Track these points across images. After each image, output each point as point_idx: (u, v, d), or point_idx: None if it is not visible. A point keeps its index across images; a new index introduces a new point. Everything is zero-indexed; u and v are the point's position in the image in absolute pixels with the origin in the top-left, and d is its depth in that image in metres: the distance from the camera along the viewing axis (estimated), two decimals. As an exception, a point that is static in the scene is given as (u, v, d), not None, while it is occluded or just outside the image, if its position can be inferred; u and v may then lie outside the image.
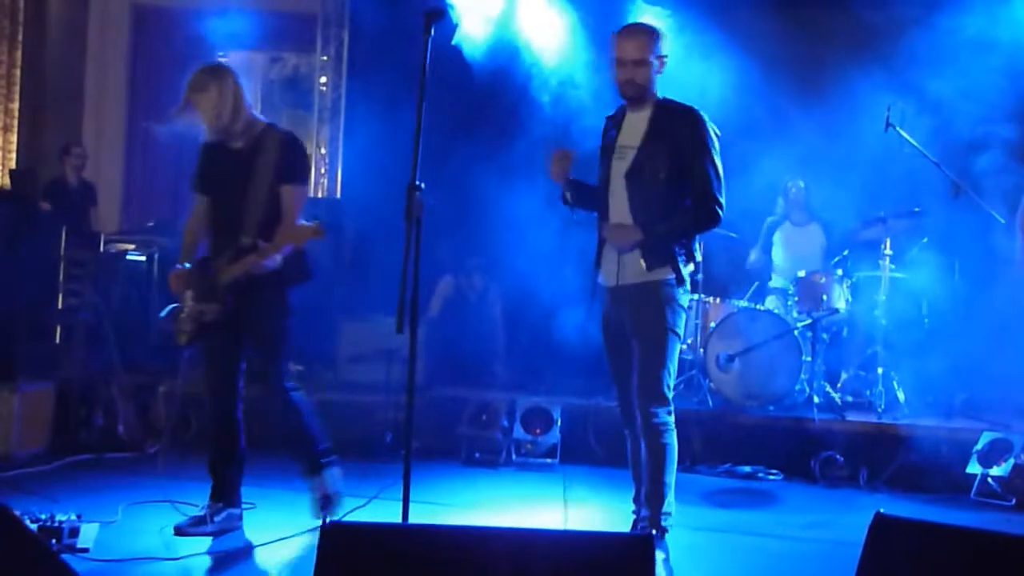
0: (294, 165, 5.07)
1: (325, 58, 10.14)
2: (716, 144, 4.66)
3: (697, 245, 4.80)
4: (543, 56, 8.76)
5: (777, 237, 8.45)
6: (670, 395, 4.66)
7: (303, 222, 4.92)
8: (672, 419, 4.66)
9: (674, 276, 4.65)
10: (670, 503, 4.63)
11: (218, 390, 5.16)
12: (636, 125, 4.70)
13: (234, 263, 4.94)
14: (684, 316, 4.75)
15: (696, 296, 7.82)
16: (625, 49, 4.61)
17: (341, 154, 10.36)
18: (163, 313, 5.16)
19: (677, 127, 4.63)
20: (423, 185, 4.03)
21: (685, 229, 4.69)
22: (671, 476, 4.64)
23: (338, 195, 10.40)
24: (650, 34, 4.67)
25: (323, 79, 10.01)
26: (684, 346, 7.65)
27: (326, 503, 5.20)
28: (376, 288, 5.72)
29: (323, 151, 10.35)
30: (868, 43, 8.14)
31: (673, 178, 4.60)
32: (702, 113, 4.67)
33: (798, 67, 8.55)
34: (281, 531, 5.14)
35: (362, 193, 9.56)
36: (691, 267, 4.75)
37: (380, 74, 8.28)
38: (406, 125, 4.23)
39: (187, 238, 5.22)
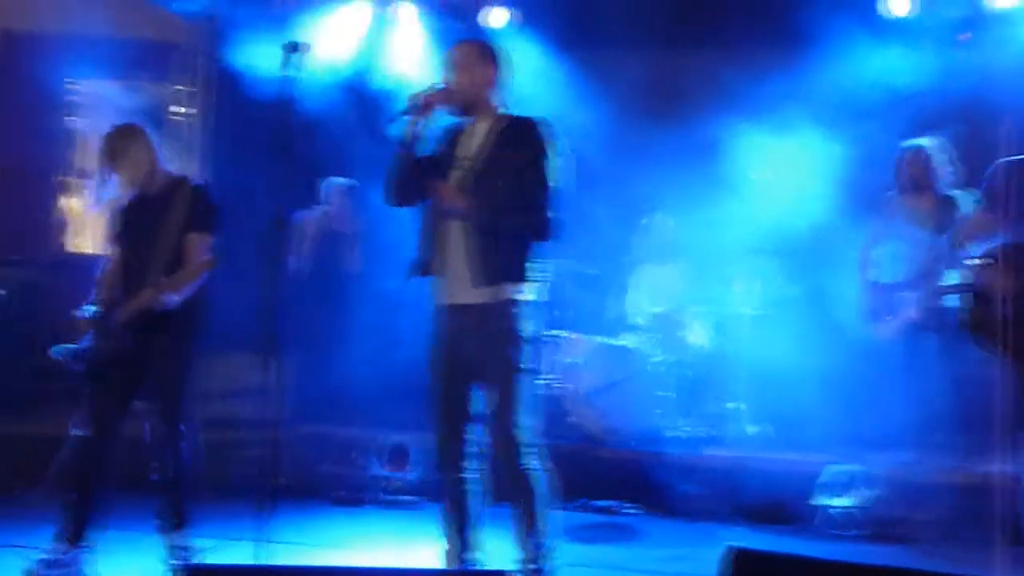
0: (203, 214, 5.30)
1: (184, 88, 9.94)
2: (558, 156, 4.54)
3: (541, 266, 4.61)
4: (404, 83, 8.79)
5: (639, 275, 8.54)
6: (531, 436, 4.53)
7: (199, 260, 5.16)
8: (538, 461, 4.55)
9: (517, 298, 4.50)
10: (545, 547, 4.51)
11: (97, 427, 5.16)
12: (477, 137, 4.62)
13: (134, 301, 5.07)
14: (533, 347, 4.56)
15: (557, 332, 7.88)
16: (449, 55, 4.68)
17: (203, 183, 10.16)
18: (55, 350, 5.25)
19: (519, 137, 4.54)
20: (284, 220, 3.99)
21: (515, 225, 4.50)
22: (543, 521, 4.53)
23: (196, 227, 10.18)
24: (472, 44, 4.74)
25: (181, 109, 9.81)
26: (544, 381, 7.72)
27: (178, 556, 5.16)
28: (238, 323, 5.62)
29: (180, 183, 10.13)
30: (733, 83, 8.35)
31: (511, 190, 4.47)
32: (545, 123, 4.58)
33: (664, 106, 8.72)
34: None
35: (223, 225, 9.39)
36: (535, 289, 4.58)
37: (240, 105, 8.15)
38: (267, 157, 4.18)
39: (104, 288, 5.38)
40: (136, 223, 5.30)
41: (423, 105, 4.54)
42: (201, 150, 10.11)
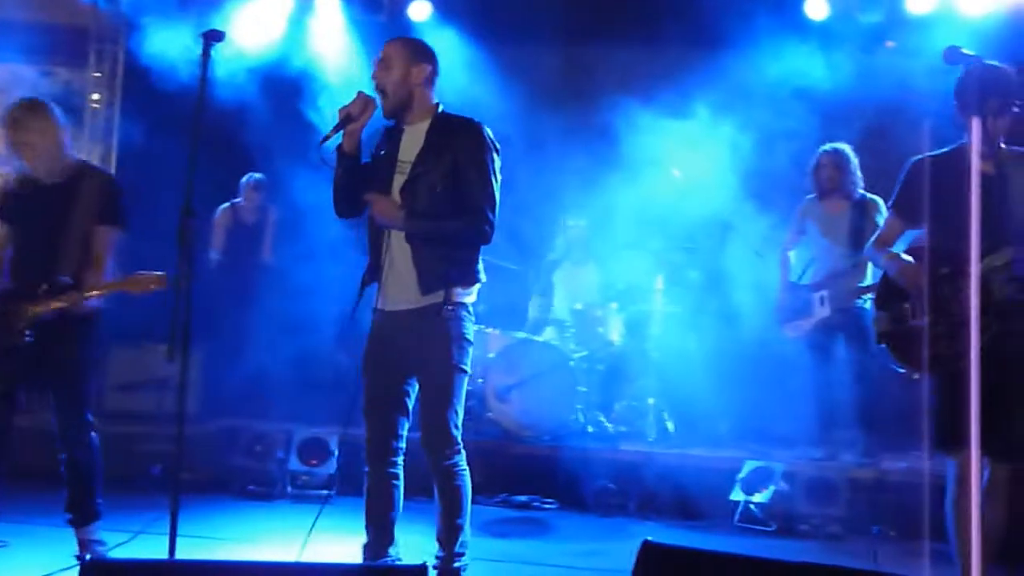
0: (114, 207, 5.09)
1: (99, 74, 9.74)
2: (495, 159, 4.50)
3: (480, 268, 4.58)
4: (325, 76, 8.73)
5: (557, 275, 8.55)
6: (460, 434, 4.53)
7: (144, 272, 4.86)
8: (463, 460, 4.54)
9: (458, 300, 4.47)
10: (464, 544, 4.52)
11: None
12: (415, 138, 4.52)
13: (51, 298, 4.83)
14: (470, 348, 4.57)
15: (477, 327, 7.87)
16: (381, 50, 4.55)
17: (113, 174, 9.97)
18: None
19: (456, 139, 4.46)
20: (197, 210, 3.93)
21: (451, 233, 4.46)
22: (465, 519, 4.54)
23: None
24: (403, 42, 4.59)
25: (96, 96, 9.61)
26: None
27: (91, 550, 5.01)
28: (147, 314, 5.53)
29: (93, 171, 9.93)
30: (650, 79, 8.39)
31: (448, 192, 4.41)
32: (483, 126, 4.51)
33: (578, 104, 8.75)
34: (37, 569, 4.87)
35: (134, 215, 9.24)
36: (472, 292, 4.57)
37: (156, 93, 8.01)
38: (182, 146, 4.13)
39: None
40: (36, 208, 5.04)
41: (356, 115, 4.43)
42: (116, 138, 9.93)
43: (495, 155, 4.51)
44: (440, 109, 4.58)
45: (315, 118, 8.41)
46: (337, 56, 8.94)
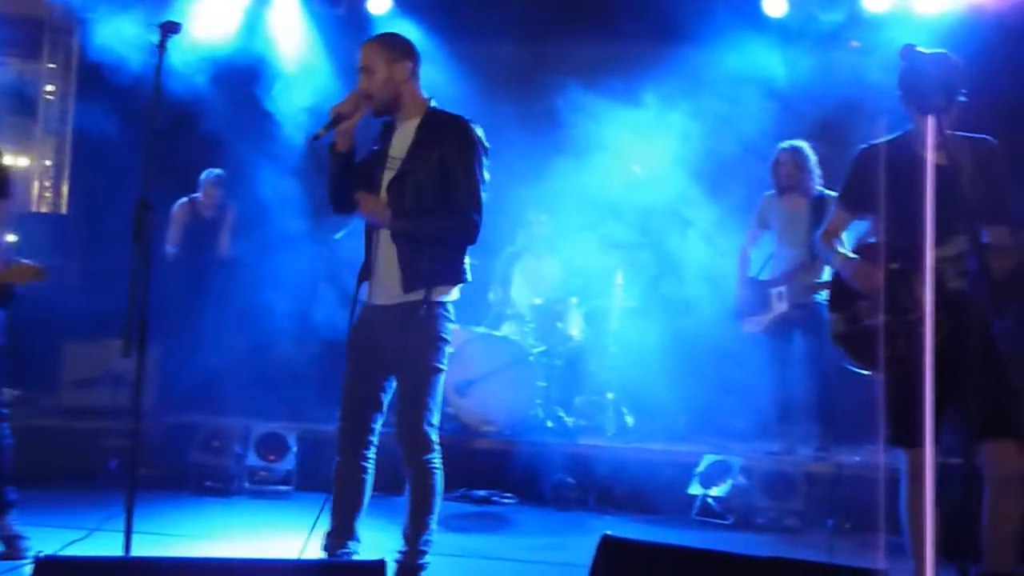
0: (1, 177, 4.83)
1: (53, 66, 9.64)
2: (483, 160, 4.50)
3: (466, 268, 4.58)
4: (284, 69, 8.68)
5: (517, 268, 8.54)
6: (435, 433, 4.52)
7: (26, 261, 4.69)
8: (438, 458, 4.53)
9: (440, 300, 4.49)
10: (428, 542, 4.51)
11: None
12: (405, 135, 4.53)
13: None
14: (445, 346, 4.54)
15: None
16: (360, 56, 4.52)
17: (68, 167, 9.87)
18: None
19: (445, 137, 4.46)
20: (153, 203, 3.89)
21: (435, 233, 4.46)
22: (433, 517, 4.54)
23: (63, 210, 9.90)
24: (382, 40, 4.56)
25: (49, 87, 9.51)
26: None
27: (14, 546, 4.93)
28: (104, 309, 5.47)
29: (47, 163, 9.82)
30: (612, 75, 8.40)
31: (435, 190, 4.41)
32: (472, 125, 4.51)
33: (537, 97, 8.73)
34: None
35: (91, 209, 9.16)
36: (454, 291, 4.57)
37: (111, 85, 7.92)
38: (137, 139, 4.09)
39: None
40: None
41: (348, 113, 4.42)
42: (70, 130, 9.84)
43: (483, 155, 4.52)
44: (431, 105, 4.58)
45: (272, 111, 8.38)
46: (295, 49, 8.88)
